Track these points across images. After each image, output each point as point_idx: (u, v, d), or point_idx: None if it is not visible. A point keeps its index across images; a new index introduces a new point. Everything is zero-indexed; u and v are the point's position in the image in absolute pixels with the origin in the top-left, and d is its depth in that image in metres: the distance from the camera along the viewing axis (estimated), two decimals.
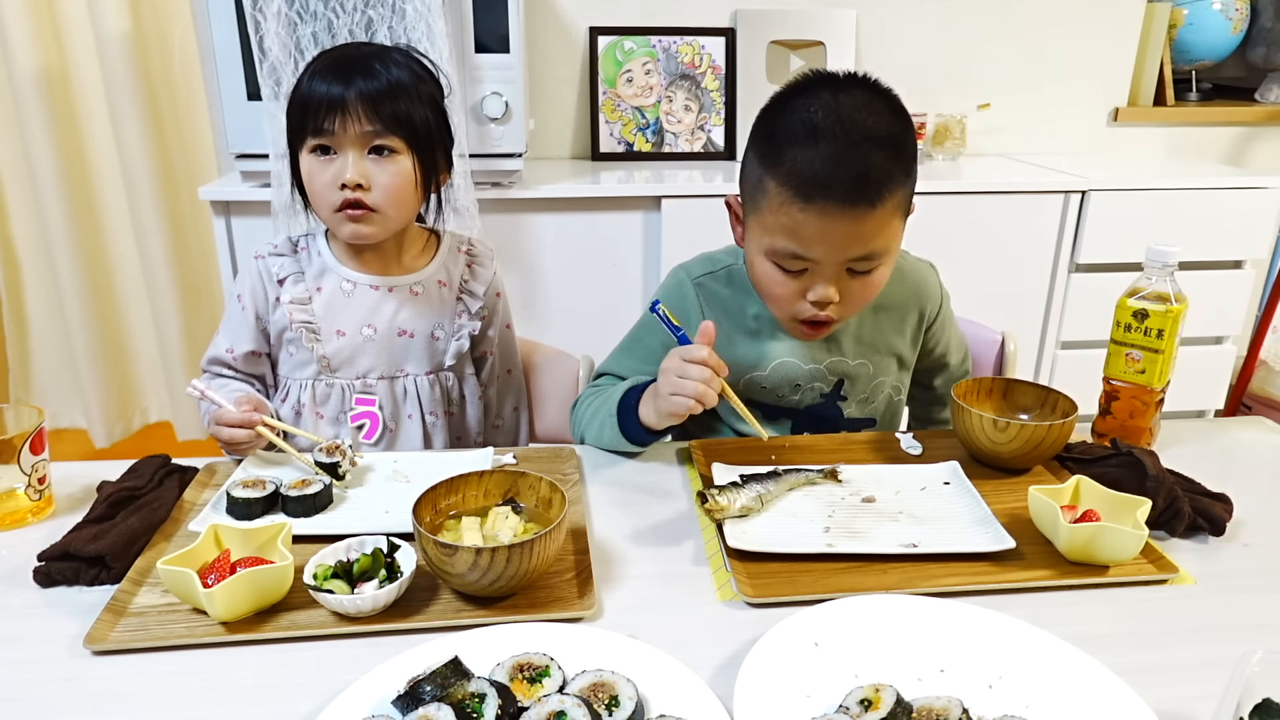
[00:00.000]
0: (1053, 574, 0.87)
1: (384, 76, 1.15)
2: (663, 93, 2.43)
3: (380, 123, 1.15)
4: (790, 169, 1.00)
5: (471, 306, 1.32)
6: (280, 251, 1.27)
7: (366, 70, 1.15)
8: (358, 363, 1.25)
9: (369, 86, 1.14)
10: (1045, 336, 2.35)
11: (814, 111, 0.99)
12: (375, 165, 1.16)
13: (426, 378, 1.29)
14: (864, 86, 1.03)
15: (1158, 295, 1.09)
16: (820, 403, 1.21)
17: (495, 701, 0.65)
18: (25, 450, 0.93)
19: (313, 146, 1.17)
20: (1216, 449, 1.18)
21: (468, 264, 1.33)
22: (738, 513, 0.96)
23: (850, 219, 0.99)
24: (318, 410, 1.26)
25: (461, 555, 0.77)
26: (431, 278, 1.29)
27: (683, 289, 1.21)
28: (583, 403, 1.20)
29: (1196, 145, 2.76)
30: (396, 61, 1.18)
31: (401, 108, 1.16)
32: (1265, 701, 0.59)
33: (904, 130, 1.02)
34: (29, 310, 2.55)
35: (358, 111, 1.14)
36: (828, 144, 0.98)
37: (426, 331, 1.28)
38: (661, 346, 1.18)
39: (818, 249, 1.02)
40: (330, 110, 1.14)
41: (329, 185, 1.16)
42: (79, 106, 2.36)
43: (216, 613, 0.77)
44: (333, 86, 1.14)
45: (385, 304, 1.26)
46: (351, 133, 1.14)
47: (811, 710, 0.69)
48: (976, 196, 2.21)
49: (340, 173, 1.15)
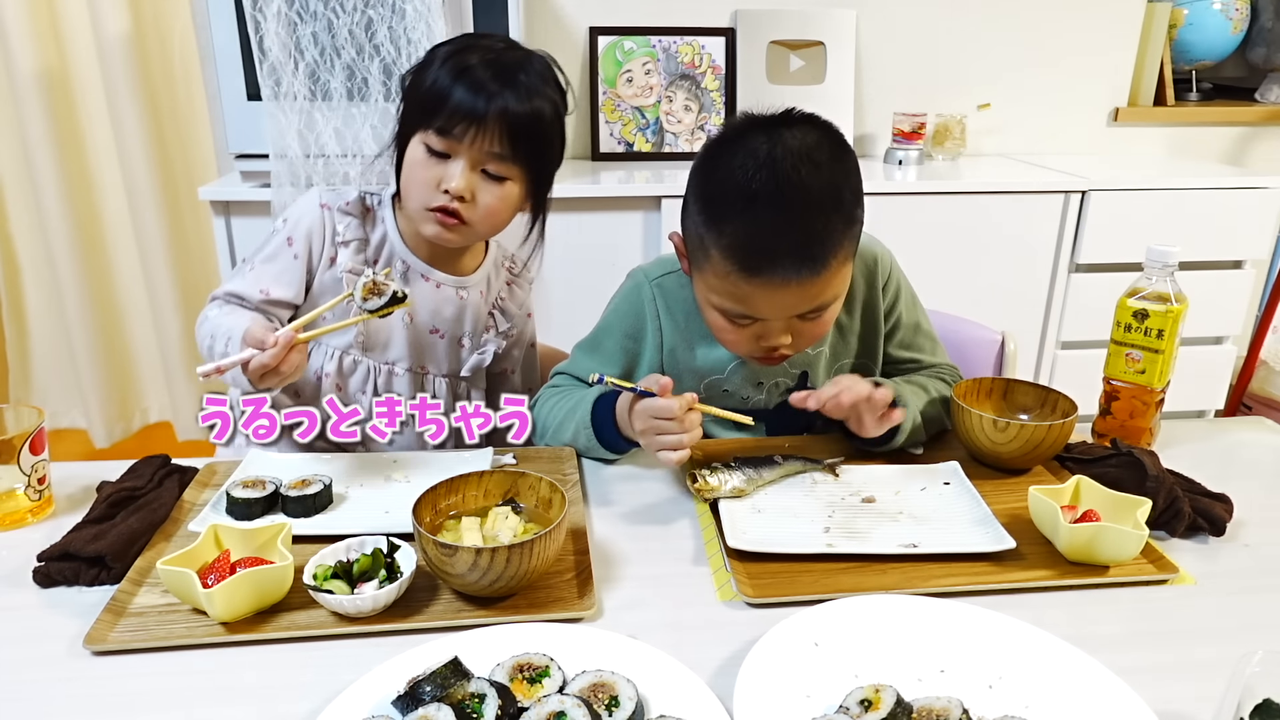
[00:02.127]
0: (1053, 574, 0.87)
1: (528, 102, 1.09)
2: (663, 93, 2.43)
3: (509, 149, 1.10)
4: (732, 242, 0.97)
5: (501, 324, 1.30)
6: (350, 211, 1.20)
7: (513, 85, 1.09)
8: (390, 348, 1.24)
9: (512, 108, 1.08)
10: (1045, 336, 2.35)
11: (751, 174, 0.95)
12: (484, 183, 1.12)
13: (445, 380, 1.28)
14: (801, 125, 0.98)
15: (1158, 295, 1.09)
16: (788, 399, 1.19)
17: (495, 702, 0.65)
18: (25, 450, 0.93)
19: (428, 143, 1.11)
20: (1216, 449, 1.18)
21: (508, 282, 1.32)
22: (729, 494, 0.96)
23: (795, 285, 0.98)
24: (339, 383, 1.23)
25: (461, 555, 0.77)
26: (476, 284, 1.27)
27: (640, 291, 1.19)
28: (543, 403, 1.19)
29: (1196, 145, 2.76)
30: (544, 79, 1.13)
31: (535, 143, 1.12)
32: (1265, 702, 0.59)
33: (845, 174, 0.99)
34: (29, 310, 2.55)
35: (493, 132, 1.08)
36: (768, 214, 0.95)
37: (455, 336, 1.27)
38: (622, 350, 1.18)
39: (765, 311, 1.01)
40: (465, 120, 1.08)
41: (430, 185, 1.11)
42: (79, 106, 2.36)
43: (216, 613, 0.77)
44: (477, 97, 1.07)
45: (431, 296, 1.24)
46: (476, 147, 1.09)
47: (811, 710, 0.69)
48: (976, 196, 2.20)
49: (448, 178, 1.10)
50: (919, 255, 1.40)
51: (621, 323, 1.19)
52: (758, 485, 1.01)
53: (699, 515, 0.99)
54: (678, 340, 1.17)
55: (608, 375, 1.02)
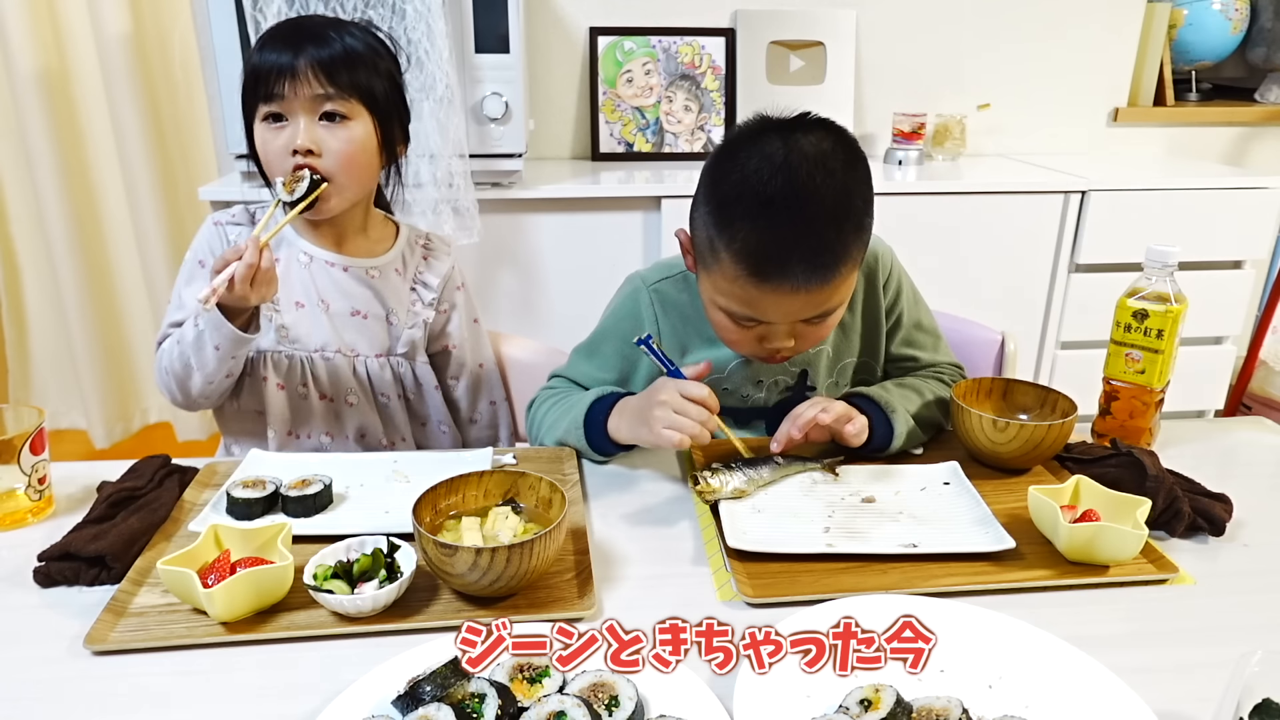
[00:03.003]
0: (1053, 574, 0.87)
1: (337, 44, 1.15)
2: (663, 93, 2.43)
3: (332, 86, 1.14)
4: (744, 247, 0.97)
5: (425, 297, 1.32)
6: (238, 221, 1.27)
7: (319, 38, 1.14)
8: (314, 336, 1.26)
9: (321, 53, 1.13)
10: (1045, 336, 2.35)
11: (766, 179, 0.95)
12: (327, 131, 1.15)
13: (376, 360, 1.29)
14: (816, 130, 0.98)
15: (1158, 295, 1.09)
16: (788, 396, 1.19)
17: (495, 702, 0.65)
18: (25, 450, 0.93)
19: (264, 114, 1.16)
20: (1216, 449, 1.18)
21: (423, 255, 1.34)
22: (730, 495, 0.96)
23: (804, 293, 0.98)
24: (279, 383, 1.26)
25: (461, 555, 0.77)
26: (389, 265, 1.30)
27: (638, 296, 1.19)
28: (539, 405, 1.19)
29: (1196, 145, 2.76)
30: (351, 33, 1.17)
31: (358, 74, 1.15)
32: (1265, 701, 0.59)
33: (858, 182, 0.99)
34: (29, 310, 2.55)
35: (308, 75, 1.13)
36: (782, 221, 0.95)
37: (380, 315, 1.29)
38: (619, 355, 1.18)
39: (772, 315, 1.01)
40: (280, 75, 1.12)
41: (281, 153, 1.15)
42: (79, 106, 2.36)
43: (216, 613, 0.77)
44: (282, 54, 1.13)
45: (341, 281, 1.27)
46: (302, 96, 1.13)
47: (811, 710, 0.69)
48: (976, 196, 2.20)
49: (291, 139, 1.14)
50: (919, 255, 1.40)
51: (619, 327, 1.19)
52: (758, 486, 1.01)
53: (699, 515, 0.99)
54: (675, 345, 1.17)
55: (655, 342, 1.06)
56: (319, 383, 1.27)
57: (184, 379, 1.17)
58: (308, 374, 1.26)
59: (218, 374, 1.16)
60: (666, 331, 1.17)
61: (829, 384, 1.22)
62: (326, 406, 1.28)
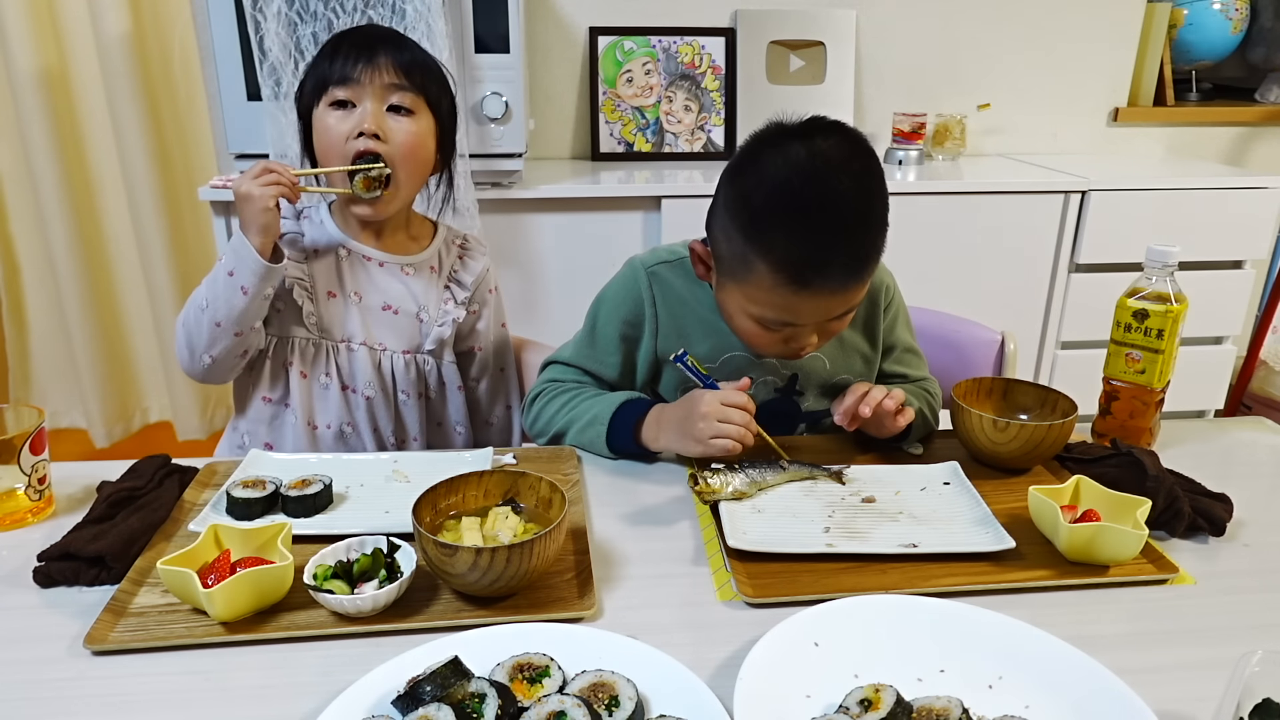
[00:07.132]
0: (1053, 574, 0.87)
1: (411, 51, 1.21)
2: (663, 93, 2.43)
3: (405, 78, 1.18)
4: (784, 256, 0.98)
5: (458, 295, 1.33)
6: (284, 214, 1.28)
7: (396, 42, 1.20)
8: (344, 327, 1.26)
9: (399, 54, 1.19)
10: (1045, 336, 2.35)
11: (798, 188, 0.97)
12: (392, 119, 1.19)
13: (403, 356, 1.29)
14: (833, 134, 0.99)
15: (1158, 295, 1.09)
16: (775, 398, 1.20)
17: (495, 702, 0.65)
18: (25, 450, 0.93)
19: (332, 100, 1.18)
20: (1216, 449, 1.18)
21: (459, 255, 1.36)
22: (730, 496, 0.97)
23: (841, 294, 1.01)
24: (303, 370, 1.26)
25: (461, 555, 0.77)
26: (425, 262, 1.31)
27: (636, 277, 1.19)
28: (542, 397, 1.20)
29: (1196, 145, 2.76)
30: (421, 48, 1.24)
31: (429, 79, 1.22)
32: (1265, 701, 0.59)
33: (879, 181, 1.01)
34: (29, 310, 2.55)
35: (386, 66, 1.17)
36: (820, 228, 0.97)
37: (412, 311, 1.29)
38: (620, 337, 1.19)
39: (807, 318, 1.03)
40: (356, 61, 1.16)
41: (345, 136, 1.18)
42: (79, 106, 2.36)
43: (216, 613, 0.77)
44: (363, 47, 1.18)
45: (376, 275, 1.28)
46: (375, 83, 1.17)
47: (811, 710, 0.69)
48: (976, 196, 2.20)
49: (358, 123, 1.17)
50: (919, 255, 1.40)
51: (619, 309, 1.19)
52: (760, 488, 1.01)
53: (699, 515, 0.99)
54: (671, 329, 1.18)
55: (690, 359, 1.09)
56: (341, 373, 1.27)
57: (195, 331, 1.18)
58: (332, 364, 1.27)
59: (235, 320, 1.16)
60: (664, 315, 1.17)
61: (817, 393, 1.22)
62: (347, 398, 1.28)
